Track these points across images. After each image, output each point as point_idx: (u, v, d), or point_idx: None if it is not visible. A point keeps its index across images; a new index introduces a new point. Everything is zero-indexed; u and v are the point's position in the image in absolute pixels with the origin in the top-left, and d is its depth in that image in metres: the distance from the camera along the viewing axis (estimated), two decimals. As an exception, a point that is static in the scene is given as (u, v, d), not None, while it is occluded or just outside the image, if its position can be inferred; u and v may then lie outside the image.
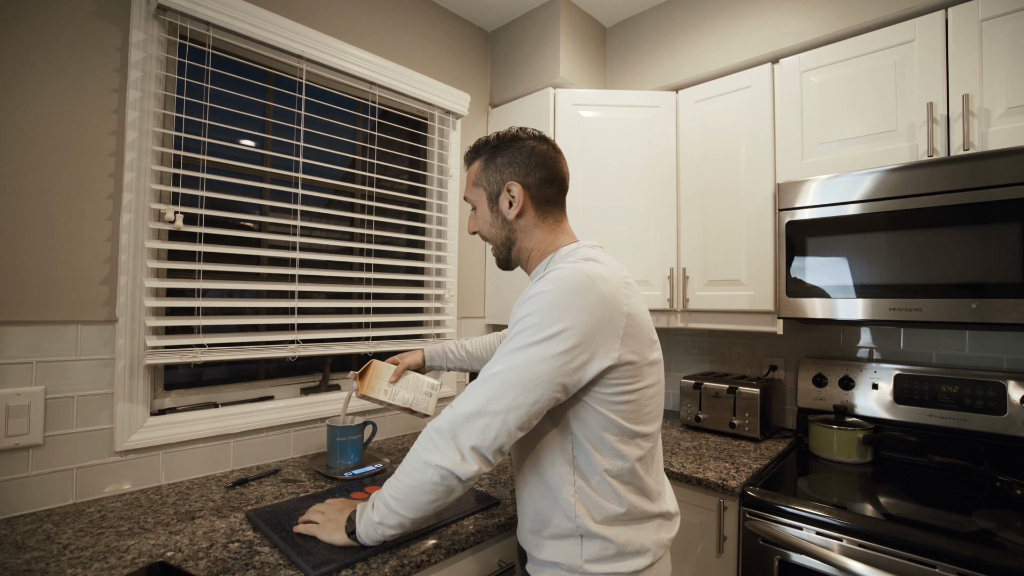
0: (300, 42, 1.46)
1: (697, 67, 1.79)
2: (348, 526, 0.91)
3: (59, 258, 1.12)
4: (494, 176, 0.94)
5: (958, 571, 0.99)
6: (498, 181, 0.93)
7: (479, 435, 0.77)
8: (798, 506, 1.20)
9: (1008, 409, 1.38)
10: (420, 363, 1.32)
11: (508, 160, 0.93)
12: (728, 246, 1.66)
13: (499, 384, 0.77)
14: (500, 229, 0.95)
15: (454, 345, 1.36)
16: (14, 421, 1.05)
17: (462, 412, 0.78)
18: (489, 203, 0.95)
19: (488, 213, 0.96)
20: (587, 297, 0.78)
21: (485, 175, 0.95)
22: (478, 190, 0.96)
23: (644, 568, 0.83)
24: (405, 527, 0.86)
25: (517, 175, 0.92)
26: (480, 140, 0.98)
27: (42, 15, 1.10)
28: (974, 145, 1.25)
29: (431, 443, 0.80)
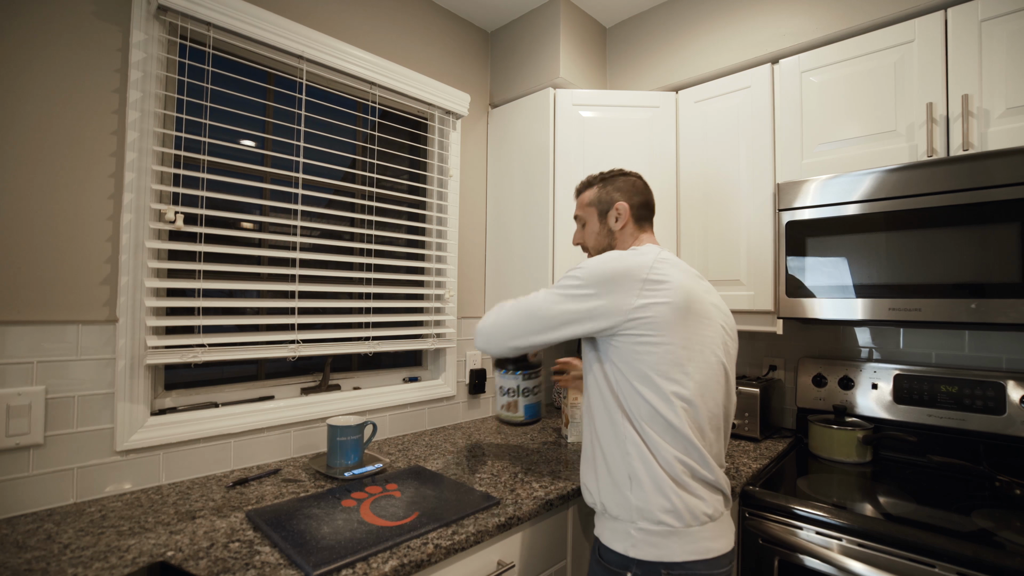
0: (300, 42, 1.46)
1: (697, 67, 1.79)
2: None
3: (59, 258, 1.12)
4: (606, 197, 1.21)
5: (957, 571, 0.99)
6: (609, 201, 1.20)
7: None
8: (798, 506, 1.21)
9: (1007, 409, 1.38)
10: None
11: (616, 187, 1.21)
12: (728, 246, 1.66)
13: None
14: (604, 238, 1.21)
15: None
16: (15, 421, 1.06)
17: None
18: (600, 217, 1.21)
19: (597, 225, 1.22)
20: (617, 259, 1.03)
21: (598, 199, 1.22)
22: (590, 209, 1.23)
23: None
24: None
25: (623, 197, 1.20)
26: (591, 176, 1.27)
27: (42, 15, 1.10)
28: (973, 145, 1.25)
29: None
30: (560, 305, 1.02)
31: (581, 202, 1.26)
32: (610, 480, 1.00)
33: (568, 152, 1.79)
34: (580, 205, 1.26)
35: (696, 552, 0.93)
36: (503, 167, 2.01)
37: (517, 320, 1.08)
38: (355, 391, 1.67)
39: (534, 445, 1.62)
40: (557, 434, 1.74)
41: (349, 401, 1.62)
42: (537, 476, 1.33)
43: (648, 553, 0.93)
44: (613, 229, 1.19)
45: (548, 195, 1.81)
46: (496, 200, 2.04)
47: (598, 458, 1.03)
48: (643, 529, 0.95)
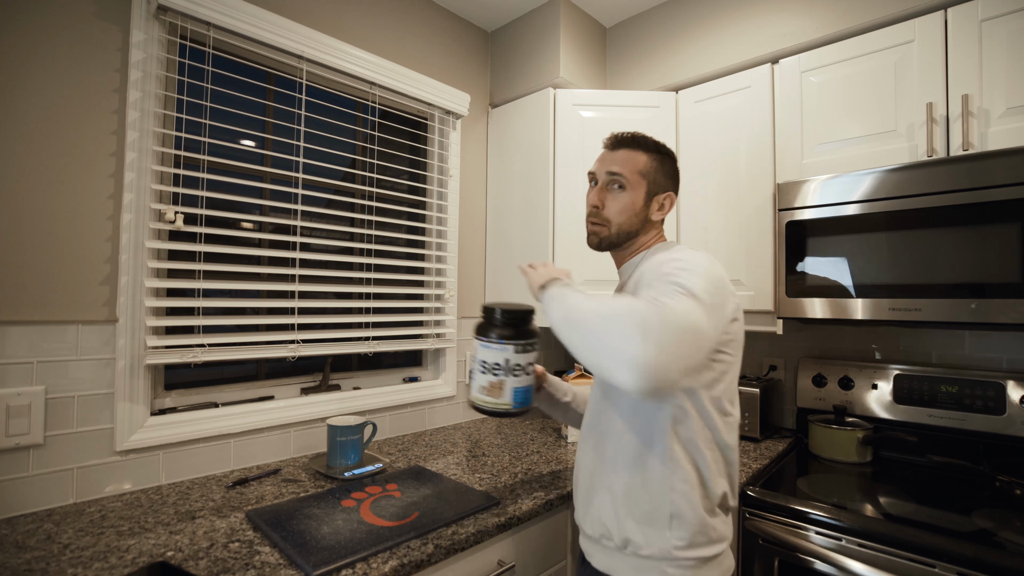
0: (300, 42, 1.46)
1: (697, 67, 1.79)
2: (544, 281, 0.92)
3: (59, 258, 1.12)
4: (663, 180, 1.02)
5: (958, 571, 0.99)
6: (664, 186, 1.02)
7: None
8: (798, 506, 1.21)
9: (1007, 409, 1.38)
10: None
11: (672, 173, 1.04)
12: (728, 246, 1.66)
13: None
14: (636, 220, 1.01)
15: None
16: (14, 421, 1.06)
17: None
18: (646, 196, 1.01)
19: (640, 204, 1.00)
20: (713, 263, 0.89)
21: (655, 174, 1.01)
22: (639, 179, 1.00)
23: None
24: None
25: (674, 188, 1.04)
26: (641, 135, 1.03)
27: (42, 15, 1.10)
28: (973, 145, 1.25)
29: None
30: (711, 318, 0.78)
31: (627, 162, 1.00)
32: (644, 517, 0.88)
33: (568, 152, 1.79)
34: (624, 163, 1.00)
35: (725, 573, 0.91)
36: (503, 167, 2.01)
37: (680, 337, 0.71)
38: (355, 391, 1.67)
39: (534, 445, 1.62)
40: (557, 434, 1.74)
41: (349, 401, 1.62)
42: (537, 476, 1.33)
43: None
44: (652, 218, 1.02)
45: (548, 195, 1.81)
46: (496, 200, 2.04)
47: (627, 492, 0.90)
48: (680, 564, 0.86)
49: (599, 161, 1.04)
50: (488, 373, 0.98)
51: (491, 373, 0.98)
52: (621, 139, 1.03)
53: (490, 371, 0.98)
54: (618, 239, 1.02)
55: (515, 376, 0.98)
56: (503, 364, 0.97)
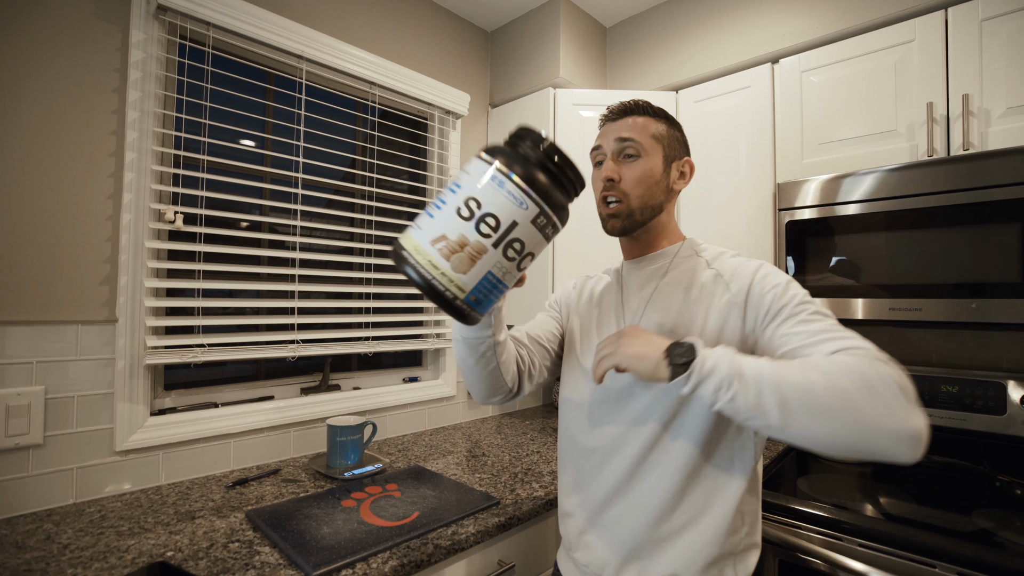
0: (300, 42, 1.46)
1: (697, 67, 1.79)
2: (674, 353, 0.69)
3: (59, 258, 1.12)
4: (677, 145, 0.90)
5: (958, 571, 0.99)
6: (680, 152, 0.91)
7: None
8: (798, 506, 1.20)
9: (1008, 409, 1.38)
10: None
11: (683, 140, 0.92)
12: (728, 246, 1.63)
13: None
14: (661, 192, 0.88)
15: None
16: (14, 421, 1.06)
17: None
18: (665, 162, 0.88)
19: (659, 170, 0.87)
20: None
21: (668, 138, 0.89)
22: (655, 143, 0.87)
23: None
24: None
25: (689, 155, 0.93)
26: (646, 102, 0.90)
27: (42, 15, 1.10)
28: (974, 145, 1.25)
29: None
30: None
31: (637, 127, 0.87)
32: (718, 558, 0.77)
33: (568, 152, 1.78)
34: (633, 128, 0.87)
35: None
36: (503, 167, 2.01)
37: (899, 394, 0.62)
38: (355, 391, 1.67)
39: (534, 445, 1.62)
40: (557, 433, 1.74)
41: (349, 401, 1.62)
42: (537, 476, 1.33)
43: None
44: (674, 187, 0.89)
45: (548, 195, 1.81)
46: (496, 200, 2.04)
47: (706, 536, 0.77)
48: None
49: (603, 134, 0.91)
50: (469, 222, 0.61)
51: (475, 225, 0.61)
52: (626, 107, 0.90)
53: (476, 221, 0.61)
54: (642, 215, 0.87)
55: (504, 256, 0.62)
56: (502, 222, 0.61)
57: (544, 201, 0.64)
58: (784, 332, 0.72)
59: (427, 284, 0.61)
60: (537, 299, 1.80)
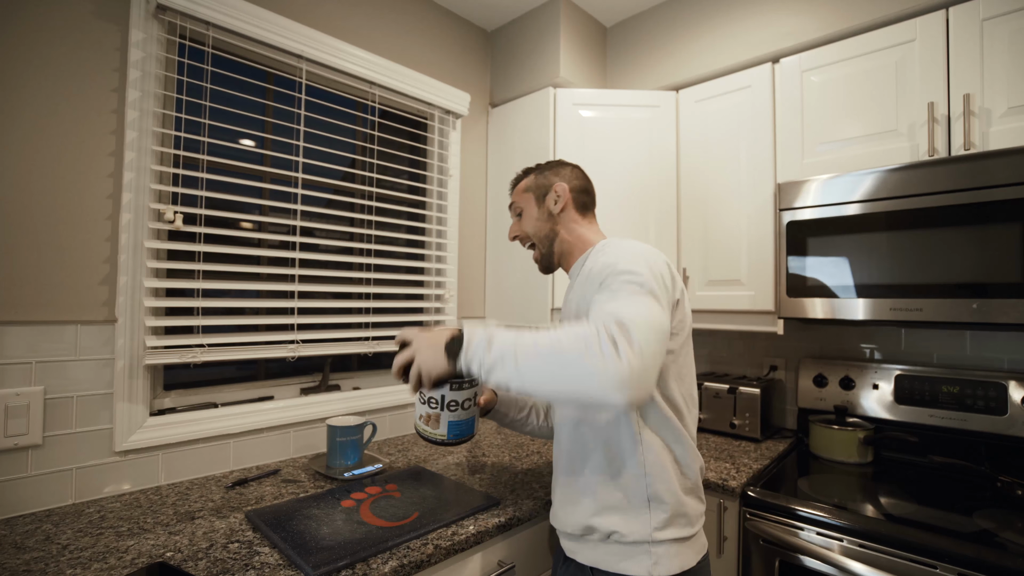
0: (300, 42, 1.46)
1: (697, 67, 1.78)
2: (451, 346, 0.85)
3: (58, 258, 1.12)
4: (542, 182, 1.12)
5: (959, 571, 0.99)
6: (545, 185, 1.11)
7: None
8: (799, 506, 1.20)
9: (1009, 409, 1.38)
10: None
11: (554, 172, 1.13)
12: (728, 246, 1.66)
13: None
14: (545, 223, 1.10)
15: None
16: (13, 421, 1.05)
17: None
18: (537, 201, 1.11)
19: (535, 211, 1.11)
20: (651, 252, 0.92)
21: (535, 182, 1.12)
22: (527, 195, 1.13)
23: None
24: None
25: (560, 178, 1.11)
26: (527, 167, 1.18)
27: (41, 15, 1.10)
28: (975, 145, 1.25)
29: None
30: (665, 309, 0.84)
31: (516, 192, 1.16)
32: (624, 506, 0.91)
33: (568, 152, 1.79)
34: (515, 194, 1.16)
35: (701, 550, 0.96)
36: (503, 167, 2.01)
37: (656, 337, 0.76)
38: (355, 391, 1.67)
39: (534, 445, 1.61)
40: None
41: (349, 401, 1.61)
42: (537, 476, 1.33)
43: (671, 566, 0.89)
44: (553, 212, 1.09)
45: (548, 195, 1.81)
46: (496, 200, 2.04)
47: (605, 488, 0.93)
48: (663, 543, 0.90)
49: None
50: (426, 405, 1.02)
51: (427, 405, 1.01)
52: (512, 182, 1.19)
53: (427, 403, 1.01)
54: (547, 249, 1.10)
55: (451, 411, 1.00)
56: (438, 399, 1.00)
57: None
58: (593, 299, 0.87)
59: (428, 439, 1.04)
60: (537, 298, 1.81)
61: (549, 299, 1.78)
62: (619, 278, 0.85)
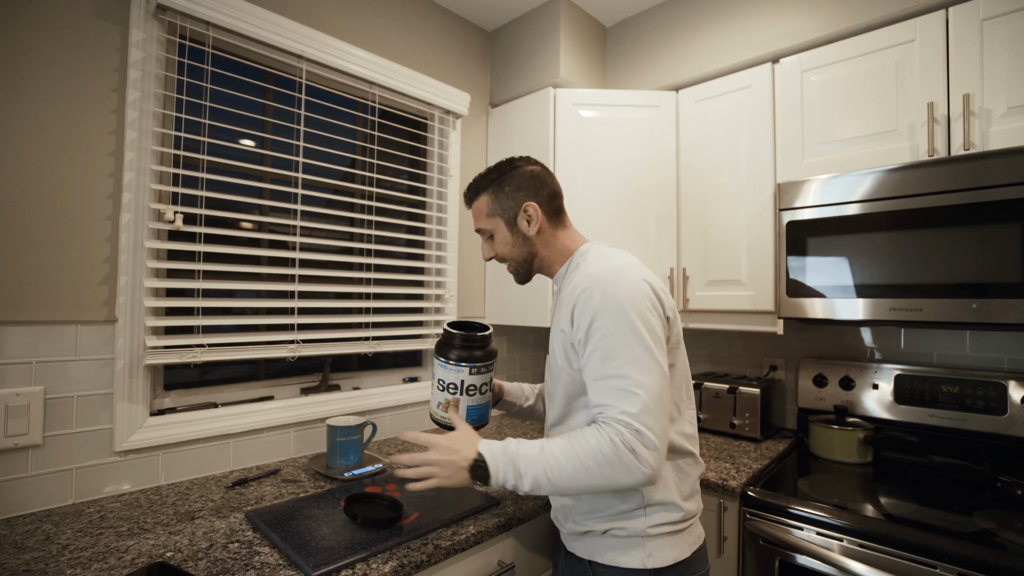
0: (300, 42, 1.46)
1: (697, 67, 1.78)
2: (476, 473, 0.90)
3: (58, 258, 1.12)
4: (508, 203, 1.04)
5: (959, 571, 0.99)
6: (513, 206, 1.03)
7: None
8: (799, 506, 1.20)
9: (1009, 409, 1.38)
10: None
11: (516, 186, 1.04)
12: (728, 246, 1.66)
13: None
14: (522, 247, 1.05)
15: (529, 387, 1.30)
16: (13, 421, 1.05)
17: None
18: (508, 227, 1.05)
19: (508, 236, 1.05)
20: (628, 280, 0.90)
21: (499, 204, 1.04)
22: (494, 219, 1.06)
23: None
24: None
25: (529, 196, 1.03)
26: (477, 178, 1.08)
27: (41, 15, 1.10)
28: (975, 145, 1.25)
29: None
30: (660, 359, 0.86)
31: (478, 213, 1.08)
32: (622, 512, 0.93)
33: (568, 152, 1.79)
34: (478, 216, 1.08)
35: (696, 542, 0.96)
36: (503, 167, 2.01)
37: (661, 421, 0.83)
38: (355, 391, 1.67)
39: (534, 445, 1.61)
40: (557, 434, 1.74)
41: (349, 401, 1.61)
42: (537, 476, 1.33)
43: (665, 558, 0.91)
44: (528, 235, 1.04)
45: (548, 195, 1.81)
46: (496, 200, 2.04)
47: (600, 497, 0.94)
48: (656, 536, 0.91)
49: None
50: (445, 391, 1.04)
51: (447, 392, 1.04)
52: (467, 194, 1.11)
53: (446, 390, 1.04)
54: (525, 267, 1.08)
55: (469, 396, 1.04)
56: (458, 385, 1.03)
57: (470, 361, 1.04)
58: (585, 370, 0.90)
59: (447, 426, 1.05)
60: (537, 299, 1.81)
61: (549, 300, 1.78)
62: (607, 337, 0.86)
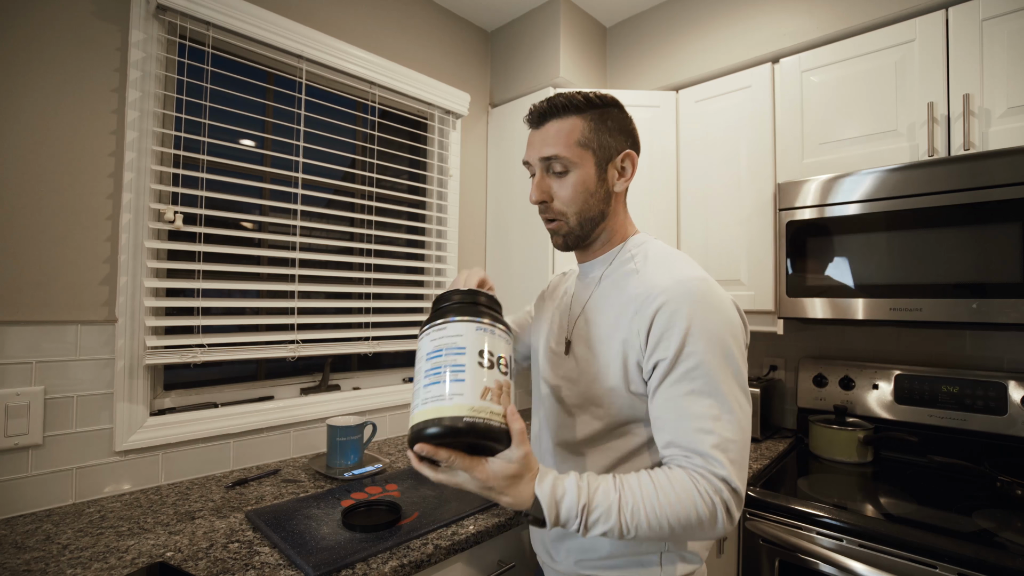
0: (300, 42, 1.46)
1: (697, 67, 1.79)
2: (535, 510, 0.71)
3: (59, 258, 1.12)
4: (608, 140, 0.82)
5: (959, 571, 0.99)
6: (613, 147, 0.83)
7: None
8: (798, 506, 1.20)
9: (1009, 409, 1.38)
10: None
11: (620, 126, 0.84)
12: (728, 246, 1.66)
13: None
14: (600, 201, 0.83)
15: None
16: (14, 421, 1.05)
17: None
18: (598, 168, 0.82)
19: (593, 180, 0.82)
20: (725, 304, 0.75)
21: (597, 136, 0.81)
22: (582, 152, 0.81)
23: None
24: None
25: (631, 144, 0.85)
26: (574, 93, 0.82)
27: (42, 15, 1.10)
28: (974, 145, 1.25)
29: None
30: (746, 401, 0.74)
31: (558, 135, 0.81)
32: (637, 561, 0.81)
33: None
34: (555, 140, 0.81)
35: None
36: (503, 167, 2.01)
37: (742, 473, 0.71)
38: (355, 391, 1.67)
39: (534, 445, 1.61)
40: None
41: (349, 401, 1.61)
42: (537, 476, 1.33)
43: None
44: (613, 190, 0.84)
45: (548, 195, 1.80)
46: (496, 200, 2.04)
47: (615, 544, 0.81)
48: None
49: (529, 144, 0.85)
50: (495, 369, 0.66)
51: (497, 369, 0.66)
52: (545, 110, 0.83)
53: (496, 366, 0.66)
54: (583, 229, 0.84)
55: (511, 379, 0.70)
56: (509, 361, 0.69)
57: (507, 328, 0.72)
58: (662, 400, 0.73)
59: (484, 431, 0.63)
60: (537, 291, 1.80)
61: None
62: (700, 369, 0.70)
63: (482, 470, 0.66)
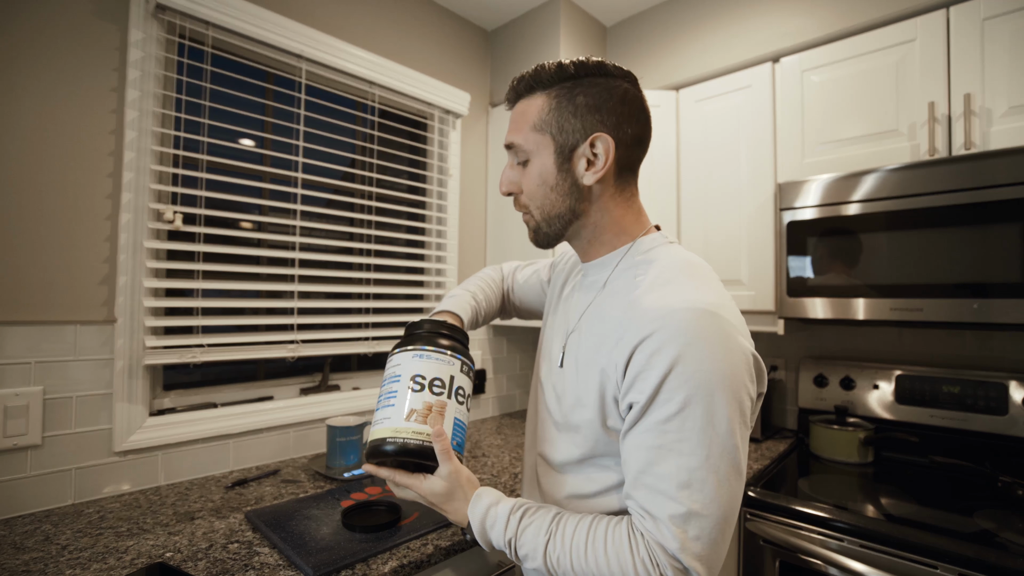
0: (300, 41, 1.46)
1: (697, 66, 1.78)
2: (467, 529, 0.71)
3: (58, 258, 1.12)
4: (572, 122, 0.68)
5: (959, 572, 0.98)
6: (578, 129, 0.68)
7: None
8: (799, 507, 1.20)
9: (1010, 409, 1.38)
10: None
11: (594, 102, 0.68)
12: (728, 246, 1.66)
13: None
14: (564, 196, 0.70)
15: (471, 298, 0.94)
16: (12, 421, 1.05)
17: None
18: (557, 158, 0.69)
19: (552, 171, 0.70)
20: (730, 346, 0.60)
21: (558, 116, 0.68)
22: (541, 136, 0.70)
23: None
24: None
25: (606, 125, 0.68)
26: (549, 64, 0.70)
27: (41, 15, 1.10)
28: (975, 145, 1.25)
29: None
30: (742, 468, 0.62)
31: (520, 118, 0.72)
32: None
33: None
34: (518, 124, 0.72)
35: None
36: (503, 167, 2.00)
37: (720, 550, 0.60)
38: (354, 391, 1.67)
39: (534, 445, 1.61)
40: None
41: (348, 401, 1.61)
42: (537, 477, 1.33)
43: None
44: (582, 183, 0.69)
45: (548, 195, 1.80)
46: (496, 200, 2.04)
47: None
48: None
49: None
50: (425, 391, 0.70)
51: (430, 391, 0.70)
52: (517, 88, 0.72)
53: (428, 388, 0.70)
54: (551, 228, 0.74)
55: (458, 403, 0.72)
56: (446, 382, 0.71)
57: (463, 354, 0.75)
58: (631, 446, 0.63)
59: (415, 450, 0.68)
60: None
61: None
62: (677, 420, 0.58)
63: (419, 486, 0.69)
